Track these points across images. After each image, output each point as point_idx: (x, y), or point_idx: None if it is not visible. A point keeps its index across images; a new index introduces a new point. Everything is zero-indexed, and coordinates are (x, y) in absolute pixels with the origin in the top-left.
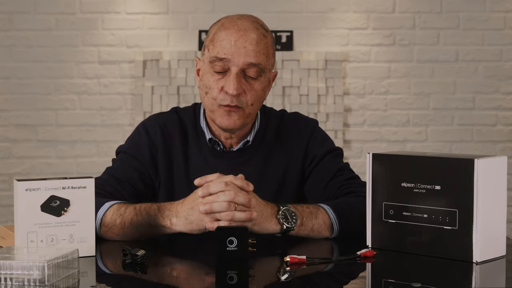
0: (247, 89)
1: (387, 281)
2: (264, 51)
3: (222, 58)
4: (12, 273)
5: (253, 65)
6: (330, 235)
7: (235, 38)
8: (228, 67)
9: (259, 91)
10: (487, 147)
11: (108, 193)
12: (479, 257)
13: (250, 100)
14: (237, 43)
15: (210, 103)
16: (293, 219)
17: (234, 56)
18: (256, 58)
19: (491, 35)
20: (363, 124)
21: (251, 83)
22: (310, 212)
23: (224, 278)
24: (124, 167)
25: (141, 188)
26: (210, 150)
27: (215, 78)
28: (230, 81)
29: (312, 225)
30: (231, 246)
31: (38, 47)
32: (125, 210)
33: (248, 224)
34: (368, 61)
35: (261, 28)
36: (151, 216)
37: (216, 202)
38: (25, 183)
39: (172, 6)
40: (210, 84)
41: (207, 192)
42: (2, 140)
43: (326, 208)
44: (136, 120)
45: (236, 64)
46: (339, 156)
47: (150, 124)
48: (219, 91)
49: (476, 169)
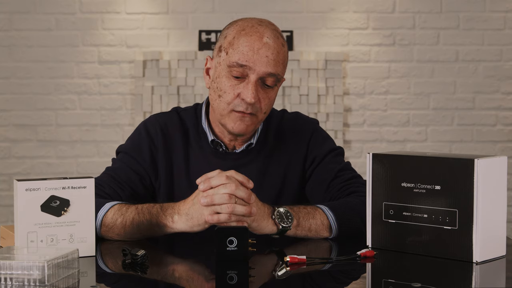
0: (262, 97)
1: (387, 281)
2: (283, 61)
3: (242, 65)
4: (12, 273)
5: (272, 75)
6: (329, 235)
7: (258, 46)
8: (246, 74)
9: (272, 99)
10: (487, 147)
11: (107, 195)
12: (479, 257)
13: (264, 108)
14: (259, 52)
15: (222, 107)
16: (288, 219)
17: (255, 64)
18: (275, 68)
19: (491, 35)
20: (363, 124)
21: (267, 91)
22: (307, 212)
23: (224, 278)
24: (124, 168)
25: (140, 190)
26: (211, 151)
27: (232, 83)
28: (248, 89)
29: (310, 225)
30: (231, 246)
31: (38, 47)
32: (127, 210)
33: (247, 220)
34: (368, 61)
35: (280, 38)
36: (152, 215)
37: (217, 194)
38: (25, 183)
39: (172, 6)
40: (226, 88)
41: (208, 186)
42: (2, 140)
43: (323, 208)
44: (136, 120)
45: (257, 73)
46: (340, 156)
47: (151, 124)
48: (234, 96)
49: (476, 169)
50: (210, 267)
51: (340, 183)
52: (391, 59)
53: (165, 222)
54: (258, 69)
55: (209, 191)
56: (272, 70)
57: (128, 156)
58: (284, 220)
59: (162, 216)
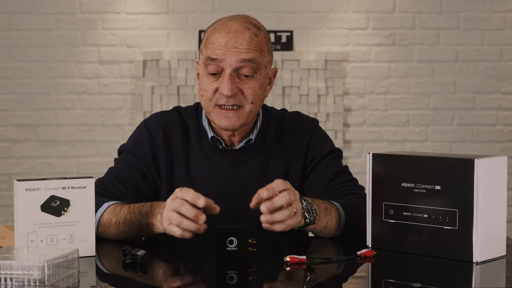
0: (244, 88)
1: (387, 281)
2: (257, 48)
3: (214, 59)
4: (12, 273)
5: (246, 62)
6: (334, 234)
7: (226, 40)
8: (221, 68)
9: (257, 88)
10: (487, 147)
11: (111, 193)
12: (479, 257)
13: (250, 98)
14: (227, 45)
15: (206, 105)
16: (313, 213)
17: (226, 56)
18: (248, 55)
19: (491, 35)
20: (363, 124)
21: (246, 81)
22: (325, 208)
23: (224, 278)
24: (126, 166)
25: (144, 187)
26: (212, 149)
27: (210, 80)
28: (224, 82)
29: (326, 222)
30: (231, 246)
31: (38, 47)
32: (120, 210)
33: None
34: (368, 61)
35: (252, 28)
36: (142, 214)
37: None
38: (25, 183)
39: (172, 6)
40: (205, 86)
41: (272, 207)
42: (2, 140)
43: (337, 205)
44: (136, 120)
45: (229, 64)
46: (339, 158)
47: (152, 122)
48: (213, 92)
49: (476, 169)
50: (210, 267)
51: (338, 183)
52: (391, 59)
53: (152, 221)
54: (229, 60)
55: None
56: (244, 56)
57: (130, 155)
58: (310, 214)
59: (151, 215)
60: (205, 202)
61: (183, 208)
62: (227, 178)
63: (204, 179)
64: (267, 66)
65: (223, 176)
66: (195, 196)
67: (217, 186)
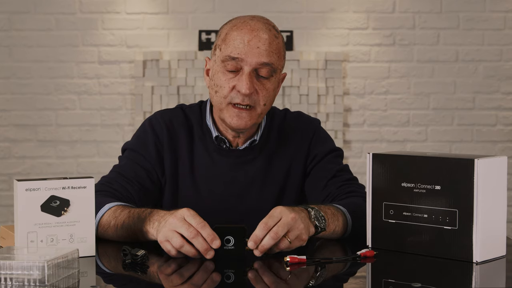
0: (259, 89)
1: (387, 281)
2: (276, 51)
3: (235, 58)
4: (12, 273)
5: (266, 65)
6: (340, 237)
7: (248, 38)
8: (240, 67)
9: (270, 91)
10: (487, 147)
11: (115, 190)
12: (479, 257)
13: (263, 100)
14: (250, 43)
15: (219, 102)
16: (323, 219)
17: (247, 55)
18: (269, 58)
19: (491, 35)
20: (363, 124)
21: (263, 82)
22: (332, 213)
23: (224, 278)
24: (131, 164)
25: (149, 185)
26: (215, 148)
27: (227, 77)
28: (243, 80)
29: (334, 227)
30: (228, 245)
31: (38, 47)
32: (120, 213)
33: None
34: (368, 61)
35: (273, 29)
36: (140, 219)
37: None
38: (25, 183)
39: (172, 6)
40: (221, 83)
41: (263, 249)
42: (2, 140)
43: (343, 210)
44: (136, 120)
45: (249, 64)
46: (339, 157)
47: (156, 120)
48: (230, 89)
49: (476, 169)
50: (210, 267)
51: (339, 182)
52: (391, 59)
53: (148, 228)
54: (250, 60)
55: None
56: (264, 59)
57: (134, 153)
58: (320, 221)
59: (147, 222)
60: (213, 238)
61: (196, 241)
62: (230, 178)
63: (208, 179)
64: (281, 70)
65: (226, 176)
66: (201, 225)
67: (220, 186)
